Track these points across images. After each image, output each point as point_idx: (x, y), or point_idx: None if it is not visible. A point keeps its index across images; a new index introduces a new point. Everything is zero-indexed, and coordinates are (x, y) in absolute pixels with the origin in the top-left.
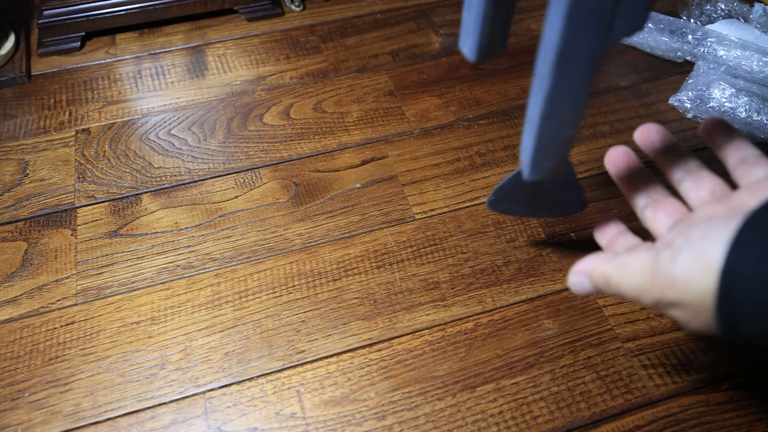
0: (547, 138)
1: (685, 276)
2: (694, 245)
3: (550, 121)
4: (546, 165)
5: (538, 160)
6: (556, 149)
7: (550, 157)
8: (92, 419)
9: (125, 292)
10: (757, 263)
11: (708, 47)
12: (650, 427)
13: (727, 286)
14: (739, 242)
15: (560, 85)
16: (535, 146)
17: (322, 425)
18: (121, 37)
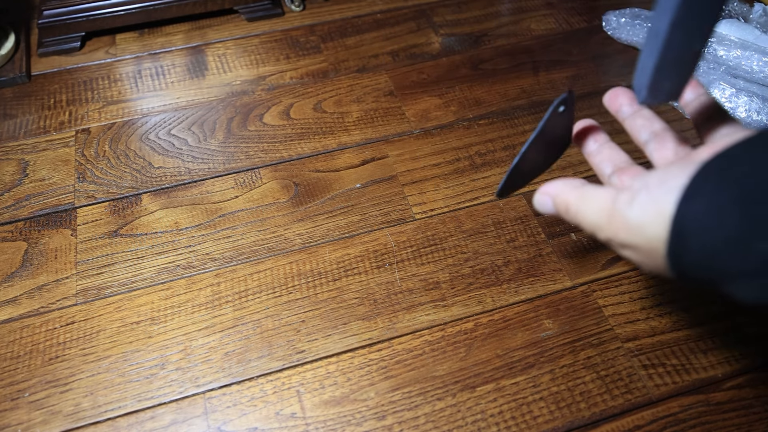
0: (675, 51)
1: (640, 220)
2: (651, 191)
3: (681, 29)
4: (667, 85)
5: (658, 80)
6: (681, 66)
7: (673, 75)
8: (92, 419)
9: (125, 292)
10: (702, 215)
11: (708, 47)
12: (650, 427)
13: (677, 235)
14: (690, 192)
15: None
16: (659, 63)
17: (322, 425)
18: (121, 37)
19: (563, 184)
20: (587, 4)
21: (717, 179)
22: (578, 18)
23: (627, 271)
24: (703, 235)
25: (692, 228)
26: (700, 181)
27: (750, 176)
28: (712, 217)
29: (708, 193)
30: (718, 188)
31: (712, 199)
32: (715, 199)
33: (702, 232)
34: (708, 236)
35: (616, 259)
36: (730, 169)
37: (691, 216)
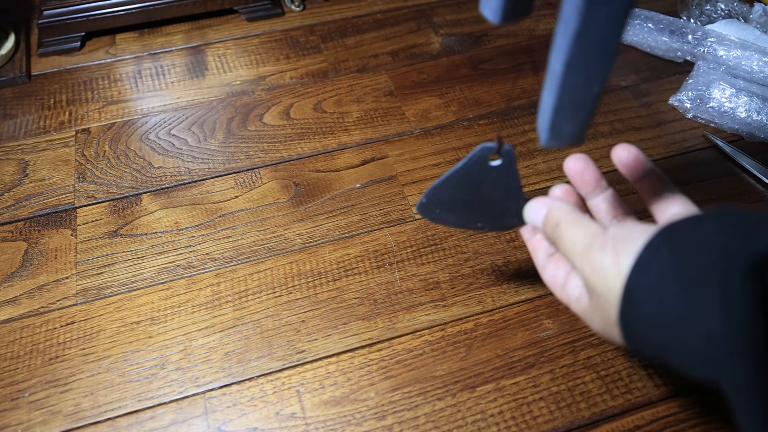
0: (571, 94)
1: (603, 267)
2: (616, 246)
3: (575, 71)
4: (566, 129)
5: (557, 123)
6: (579, 109)
7: (572, 118)
8: (92, 419)
9: (125, 292)
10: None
11: (708, 47)
12: (650, 427)
13: (628, 299)
14: (641, 262)
15: (590, 25)
16: (556, 104)
17: (322, 425)
18: (121, 37)
19: (561, 203)
20: None
21: (665, 253)
22: None
23: None
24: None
25: (640, 297)
26: (650, 252)
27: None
28: (657, 293)
29: (656, 268)
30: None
31: (658, 274)
32: (661, 274)
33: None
34: (652, 308)
35: None
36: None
37: (640, 287)
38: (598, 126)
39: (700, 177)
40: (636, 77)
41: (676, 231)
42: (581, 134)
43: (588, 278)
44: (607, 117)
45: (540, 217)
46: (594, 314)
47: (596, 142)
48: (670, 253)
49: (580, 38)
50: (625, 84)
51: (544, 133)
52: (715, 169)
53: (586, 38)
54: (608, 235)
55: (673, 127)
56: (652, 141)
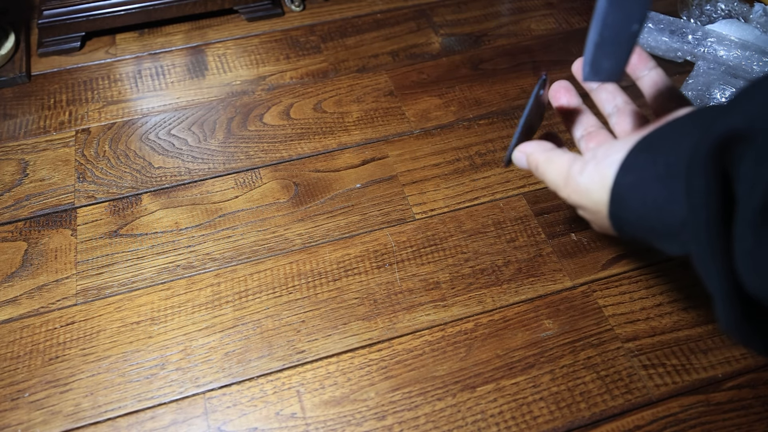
0: (612, 31)
1: (587, 186)
2: (597, 162)
3: (617, 9)
4: (606, 64)
5: (598, 58)
6: (619, 46)
7: (612, 54)
8: (92, 419)
9: (125, 292)
10: (632, 186)
11: (708, 47)
12: (650, 427)
13: (615, 200)
14: (624, 167)
15: None
16: (598, 40)
17: (322, 425)
18: (121, 37)
19: (536, 145)
20: (587, 4)
21: (645, 156)
22: (578, 18)
23: (627, 271)
24: (634, 202)
25: (626, 196)
26: (633, 157)
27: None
28: (639, 189)
29: (638, 169)
30: (645, 165)
31: (640, 174)
32: (643, 174)
33: (633, 199)
34: (637, 202)
35: (616, 259)
36: (658, 147)
37: (624, 187)
38: None
39: None
40: None
41: (656, 135)
42: (619, 71)
43: (577, 202)
44: None
45: (524, 163)
46: (593, 224)
47: None
48: (649, 154)
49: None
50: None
51: (586, 68)
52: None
53: None
54: (585, 158)
55: None
56: None
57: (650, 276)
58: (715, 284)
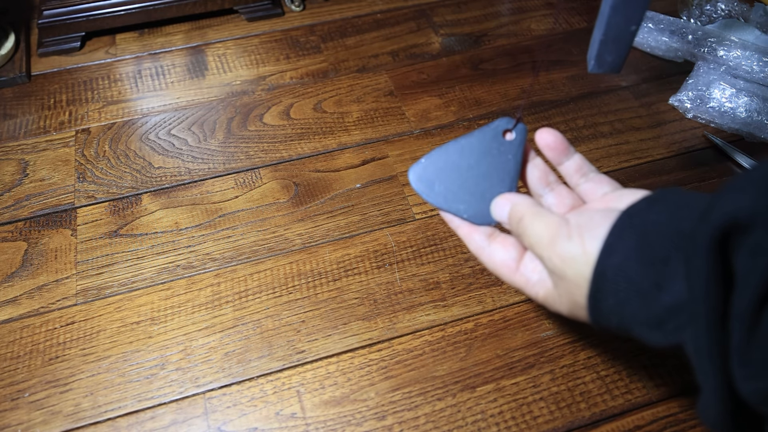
0: (614, 30)
1: (573, 255)
2: (582, 234)
3: (618, 13)
4: (609, 58)
5: (602, 53)
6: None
7: (614, 50)
8: (92, 419)
9: (125, 292)
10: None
11: (708, 47)
12: (650, 427)
13: (597, 279)
14: (608, 247)
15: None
16: (602, 38)
17: (322, 425)
18: (121, 37)
19: (524, 198)
20: (587, 4)
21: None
22: (578, 18)
23: None
24: (617, 286)
25: (609, 277)
26: (616, 236)
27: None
28: (624, 273)
29: (622, 250)
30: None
31: (625, 255)
32: (628, 255)
33: (616, 281)
34: (621, 287)
35: None
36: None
37: (608, 267)
38: (598, 126)
39: (700, 177)
40: (636, 77)
41: (634, 215)
42: (620, 64)
43: (556, 267)
44: (607, 117)
45: (504, 213)
46: (561, 298)
47: (596, 142)
48: (632, 236)
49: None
50: (625, 84)
51: (591, 61)
52: (715, 169)
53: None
54: (571, 225)
55: (673, 127)
56: (652, 141)
57: None
58: (708, 377)
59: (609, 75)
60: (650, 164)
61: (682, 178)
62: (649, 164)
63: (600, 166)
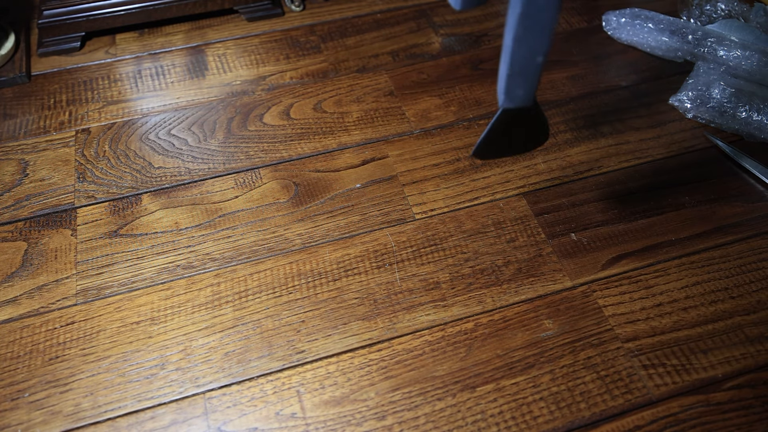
0: (519, 63)
1: None
2: None
3: (522, 45)
4: (519, 92)
5: (511, 87)
6: (527, 76)
7: (522, 83)
8: (92, 419)
9: (125, 292)
10: None
11: (708, 47)
12: (650, 427)
13: None
14: None
15: (531, 9)
16: (509, 72)
17: (322, 425)
18: (121, 37)
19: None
20: (587, 4)
21: None
22: (578, 18)
23: (627, 271)
24: None
25: None
26: None
27: None
28: None
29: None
30: None
31: None
32: None
33: None
34: None
35: (616, 259)
36: None
37: None
38: (598, 126)
39: (700, 177)
40: (636, 77)
41: None
42: (531, 96)
43: None
44: (606, 117)
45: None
46: None
47: (596, 142)
48: None
49: (523, 19)
50: (625, 84)
51: (501, 96)
52: (715, 169)
53: (529, 19)
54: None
55: (673, 127)
56: (652, 141)
57: (650, 276)
58: None
59: (609, 75)
60: (650, 164)
61: (682, 178)
62: (649, 164)
63: (600, 166)
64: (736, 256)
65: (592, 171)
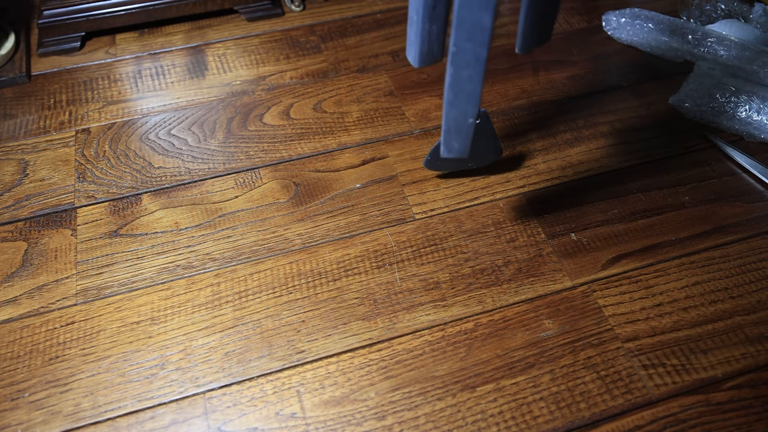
0: (453, 122)
1: None
2: None
3: (453, 108)
4: (456, 144)
5: (448, 140)
6: (460, 132)
7: (457, 138)
8: (92, 419)
9: (125, 292)
10: None
11: (708, 47)
12: (650, 427)
13: None
14: None
15: (457, 79)
16: (444, 128)
17: (322, 425)
18: (121, 37)
19: None
20: (587, 4)
21: None
22: (578, 18)
23: (627, 271)
24: None
25: None
26: None
27: None
28: None
29: None
30: None
31: None
32: None
33: None
34: None
35: (616, 259)
36: None
37: None
38: (598, 126)
39: (700, 177)
40: (636, 77)
41: None
42: (467, 148)
43: None
44: (607, 117)
45: None
46: None
47: (596, 142)
48: None
49: (453, 86)
50: (625, 84)
51: (441, 146)
52: (715, 169)
53: (457, 86)
54: None
55: (673, 127)
56: (652, 141)
57: (650, 276)
58: None
59: (609, 75)
60: (650, 164)
61: (682, 178)
62: (649, 164)
63: (600, 166)
64: (736, 256)
65: (592, 171)
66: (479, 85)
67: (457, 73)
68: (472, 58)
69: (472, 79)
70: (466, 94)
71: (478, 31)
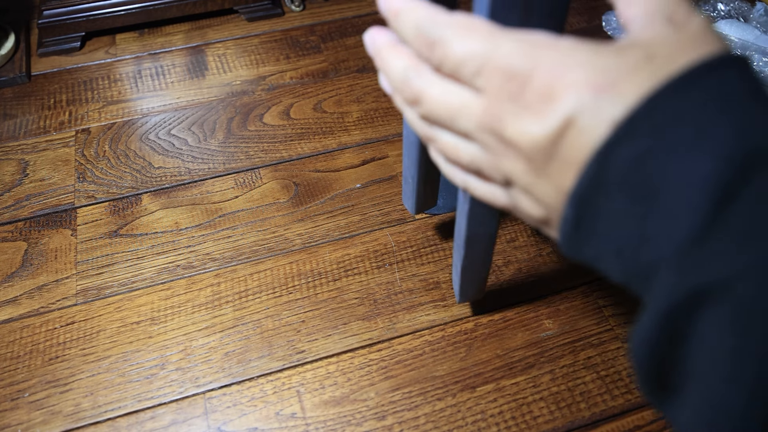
0: (469, 274)
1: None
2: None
3: (467, 271)
4: (470, 291)
5: (465, 290)
6: (478, 276)
7: (471, 286)
8: (92, 419)
9: (125, 292)
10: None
11: None
12: (650, 427)
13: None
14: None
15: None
16: (461, 282)
17: (322, 425)
18: (121, 37)
19: None
20: (587, 4)
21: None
22: (578, 18)
23: None
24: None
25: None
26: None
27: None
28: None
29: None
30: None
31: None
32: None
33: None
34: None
35: None
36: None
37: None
38: None
39: None
40: None
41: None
42: (483, 290)
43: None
44: None
45: None
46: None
47: None
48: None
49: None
50: None
51: (456, 293)
52: None
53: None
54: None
55: None
56: None
57: None
58: None
59: None
60: None
61: None
62: None
63: None
64: None
65: None
66: (489, 256)
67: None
68: (486, 238)
69: (486, 251)
70: (480, 261)
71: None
